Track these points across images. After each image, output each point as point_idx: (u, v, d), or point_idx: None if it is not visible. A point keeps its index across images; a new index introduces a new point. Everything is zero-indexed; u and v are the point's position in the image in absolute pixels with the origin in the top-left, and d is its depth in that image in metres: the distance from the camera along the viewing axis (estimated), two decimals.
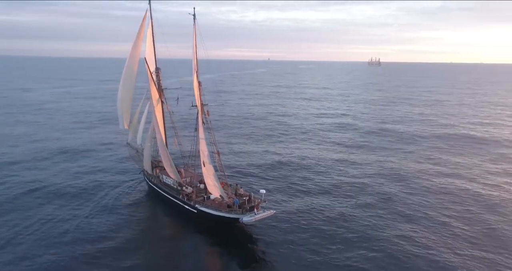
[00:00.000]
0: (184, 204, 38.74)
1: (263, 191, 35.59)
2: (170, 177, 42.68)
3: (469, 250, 33.21)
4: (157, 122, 39.09)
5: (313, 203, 42.94)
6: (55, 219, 38.23)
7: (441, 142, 74.51)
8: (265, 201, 35.70)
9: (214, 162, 38.01)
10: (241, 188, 38.55)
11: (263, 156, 63.01)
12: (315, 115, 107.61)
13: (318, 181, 50.72)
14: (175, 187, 41.82)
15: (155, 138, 43.15)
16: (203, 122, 36.05)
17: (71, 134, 78.57)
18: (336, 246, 33.27)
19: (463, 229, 37.11)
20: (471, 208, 42.23)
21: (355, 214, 39.94)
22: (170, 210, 41.14)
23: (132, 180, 50.39)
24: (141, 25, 38.98)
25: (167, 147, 42.58)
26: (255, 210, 33.80)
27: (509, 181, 51.75)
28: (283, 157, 62.25)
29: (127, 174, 53.04)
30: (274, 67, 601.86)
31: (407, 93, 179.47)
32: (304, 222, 37.91)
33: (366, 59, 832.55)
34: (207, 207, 36.14)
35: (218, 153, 35.35)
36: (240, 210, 34.20)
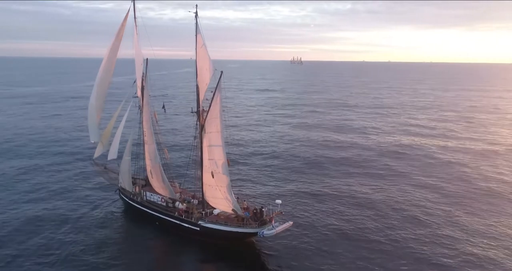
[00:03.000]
0: (182, 222, 35.00)
1: (279, 201, 33.23)
2: (157, 193, 38.43)
3: None
4: (150, 131, 34.87)
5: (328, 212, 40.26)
6: (29, 248, 31.95)
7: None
8: (281, 212, 33.50)
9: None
10: (244, 200, 35.68)
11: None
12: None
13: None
14: (164, 204, 37.73)
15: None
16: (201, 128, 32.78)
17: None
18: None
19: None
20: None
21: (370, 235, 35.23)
22: (159, 230, 36.87)
23: (104, 199, 44.77)
24: (122, 25, 34.48)
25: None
26: (272, 222, 31.50)
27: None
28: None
29: (96, 194, 46.98)
30: None
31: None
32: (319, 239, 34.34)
33: (289, 58, 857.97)
34: (214, 223, 32.96)
35: (228, 162, 32.32)
36: (255, 223, 31.71)
